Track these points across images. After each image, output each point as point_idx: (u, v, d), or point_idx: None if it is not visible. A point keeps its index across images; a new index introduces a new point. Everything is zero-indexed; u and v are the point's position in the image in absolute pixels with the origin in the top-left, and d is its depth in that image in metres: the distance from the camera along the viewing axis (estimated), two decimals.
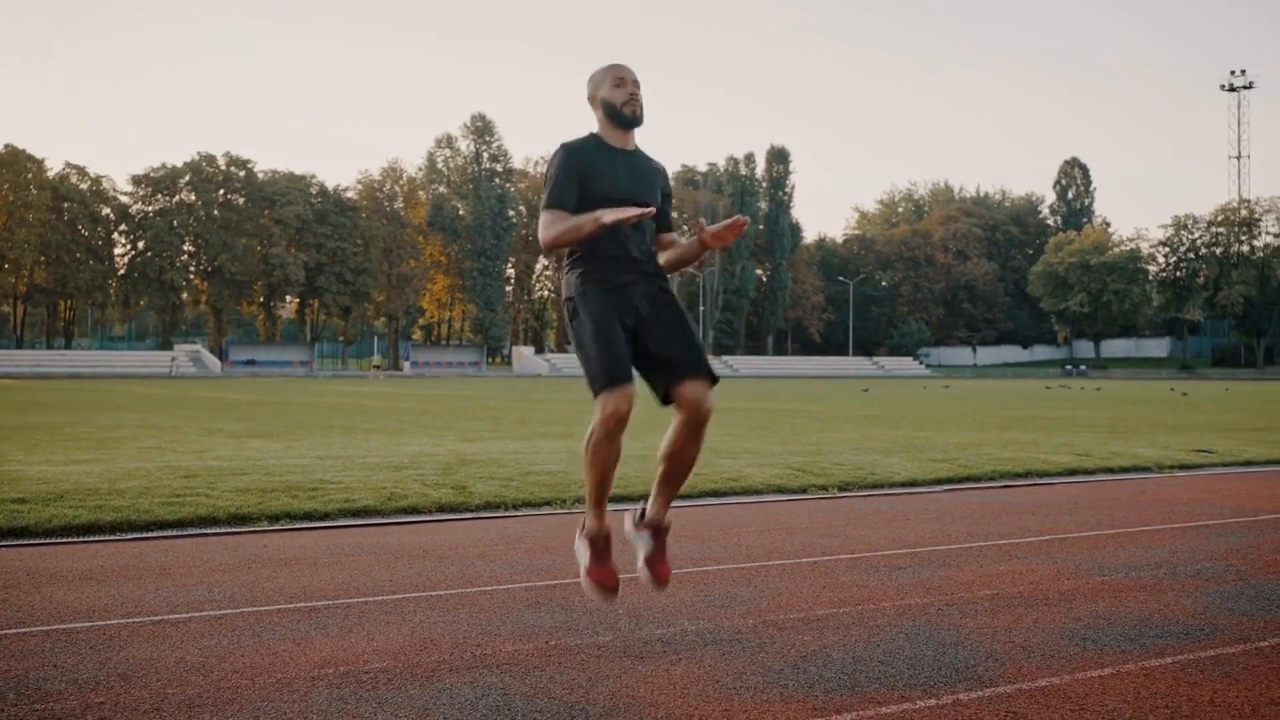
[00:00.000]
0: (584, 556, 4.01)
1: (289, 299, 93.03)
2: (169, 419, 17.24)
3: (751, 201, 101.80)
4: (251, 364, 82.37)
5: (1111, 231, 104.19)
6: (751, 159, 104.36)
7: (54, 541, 5.94)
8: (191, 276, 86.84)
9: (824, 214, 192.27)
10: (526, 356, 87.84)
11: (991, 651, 3.72)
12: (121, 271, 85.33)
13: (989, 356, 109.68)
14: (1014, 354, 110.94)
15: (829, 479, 8.89)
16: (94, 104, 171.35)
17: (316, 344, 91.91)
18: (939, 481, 9.09)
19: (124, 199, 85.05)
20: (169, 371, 69.88)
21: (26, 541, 5.92)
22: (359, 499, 7.38)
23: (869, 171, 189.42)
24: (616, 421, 3.75)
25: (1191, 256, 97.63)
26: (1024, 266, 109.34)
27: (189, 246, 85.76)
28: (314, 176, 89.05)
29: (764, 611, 4.34)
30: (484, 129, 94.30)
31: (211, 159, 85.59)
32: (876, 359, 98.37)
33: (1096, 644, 3.83)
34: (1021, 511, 7.40)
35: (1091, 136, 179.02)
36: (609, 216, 3.71)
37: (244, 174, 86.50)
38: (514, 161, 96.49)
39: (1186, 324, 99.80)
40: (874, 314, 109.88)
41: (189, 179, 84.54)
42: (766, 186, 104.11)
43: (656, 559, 4.01)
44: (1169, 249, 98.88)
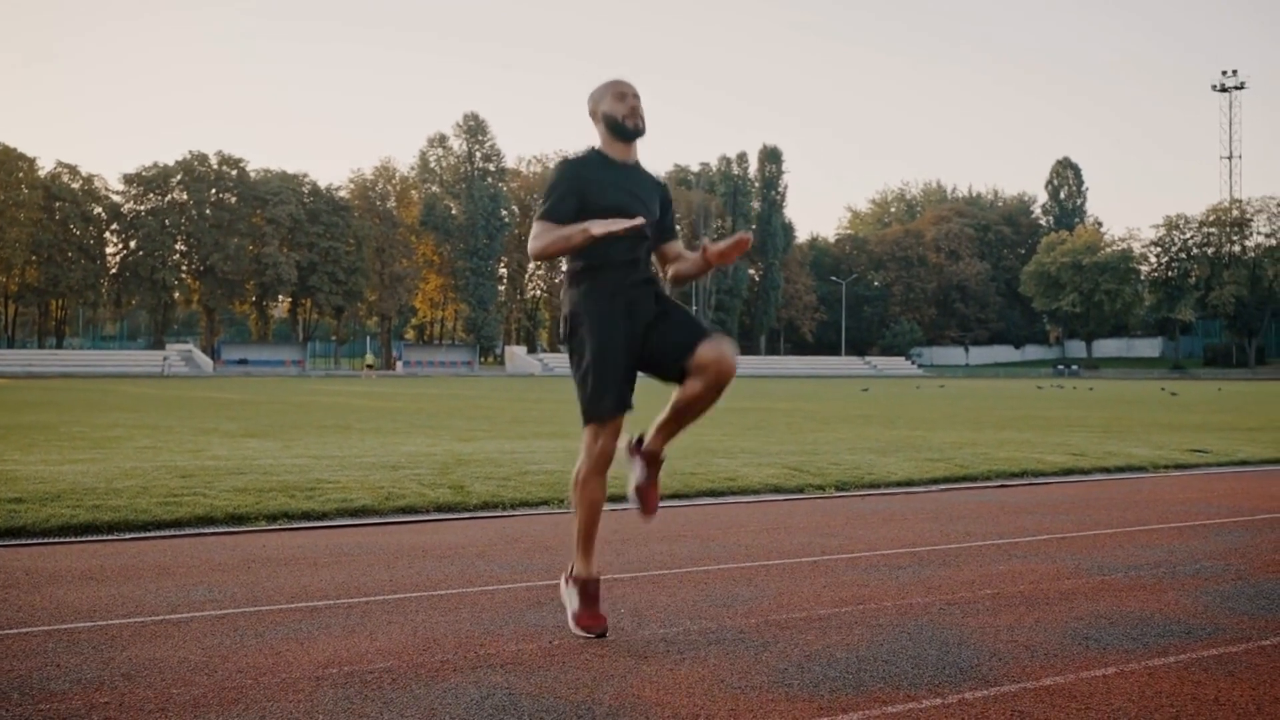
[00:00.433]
0: (572, 602, 4.01)
1: (281, 298, 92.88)
2: (163, 419, 17.20)
3: (744, 201, 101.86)
4: (244, 363, 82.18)
5: (1103, 231, 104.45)
6: (744, 158, 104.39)
7: (52, 541, 5.92)
8: (183, 276, 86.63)
9: (817, 214, 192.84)
10: (519, 356, 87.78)
11: (995, 651, 3.73)
12: (113, 271, 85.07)
13: (981, 356, 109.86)
14: (1006, 354, 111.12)
15: (826, 478, 8.90)
16: (86, 103, 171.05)
17: (309, 343, 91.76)
18: (935, 481, 9.10)
19: (116, 198, 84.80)
20: (161, 371, 69.70)
21: (24, 541, 5.91)
22: (356, 499, 7.37)
23: (861, 171, 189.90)
24: (605, 458, 3.91)
25: (1183, 256, 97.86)
26: (1016, 266, 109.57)
27: (181, 245, 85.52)
28: (306, 176, 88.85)
29: (766, 611, 4.34)
30: (477, 128, 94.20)
31: (203, 158, 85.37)
32: (869, 359, 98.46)
33: (1099, 643, 3.84)
34: (1019, 511, 7.42)
35: (1084, 136, 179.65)
36: (598, 228, 3.74)
37: (236, 173, 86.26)
38: (507, 161, 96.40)
39: (1178, 324, 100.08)
40: (866, 314, 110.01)
41: (181, 178, 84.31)
42: (759, 186, 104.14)
43: (648, 487, 4.10)
44: (1161, 249, 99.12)
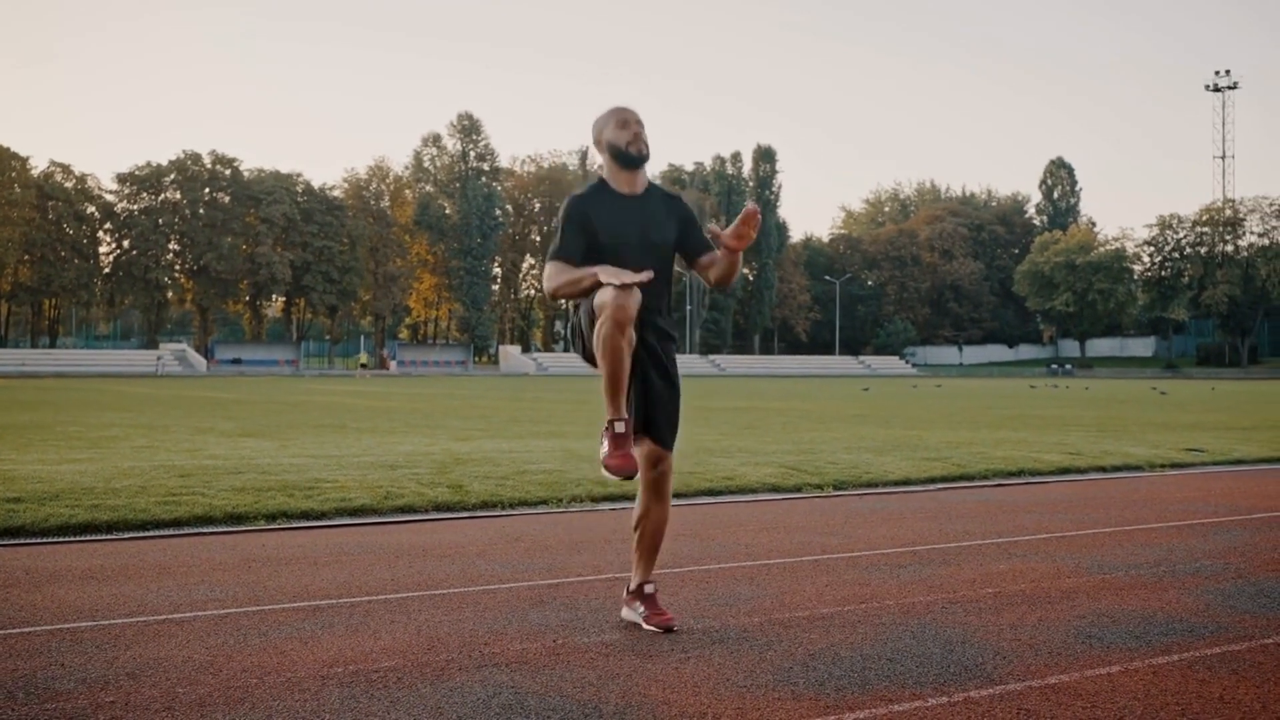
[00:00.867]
0: (603, 445, 3.95)
1: (275, 298, 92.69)
2: (159, 418, 17.17)
3: (738, 201, 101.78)
4: (238, 363, 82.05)
5: (1097, 231, 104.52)
6: (738, 158, 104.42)
7: (51, 541, 5.91)
8: (177, 275, 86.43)
9: (810, 213, 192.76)
10: (513, 355, 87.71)
11: (998, 649, 3.73)
12: (106, 270, 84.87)
13: (975, 356, 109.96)
14: (1000, 353, 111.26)
15: (824, 478, 8.91)
16: (79, 103, 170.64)
17: (303, 343, 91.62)
18: (933, 480, 9.12)
19: (109, 197, 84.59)
20: (155, 370, 69.54)
21: (23, 541, 5.90)
22: (355, 498, 7.37)
23: (855, 171, 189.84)
24: (623, 314, 3.69)
25: (1176, 256, 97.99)
26: (1010, 266, 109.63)
27: (174, 245, 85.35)
28: (300, 175, 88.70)
29: (769, 610, 4.34)
30: (471, 128, 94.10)
31: (197, 157, 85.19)
32: (863, 358, 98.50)
33: (1102, 641, 3.84)
34: (1017, 510, 7.43)
35: (1077, 136, 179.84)
36: (606, 276, 3.73)
37: (230, 172, 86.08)
38: (501, 161, 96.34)
39: (1171, 323, 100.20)
40: (860, 313, 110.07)
41: (174, 177, 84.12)
42: (753, 186, 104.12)
43: (655, 614, 4.08)
44: (1154, 248, 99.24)
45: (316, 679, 3.37)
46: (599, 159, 4.18)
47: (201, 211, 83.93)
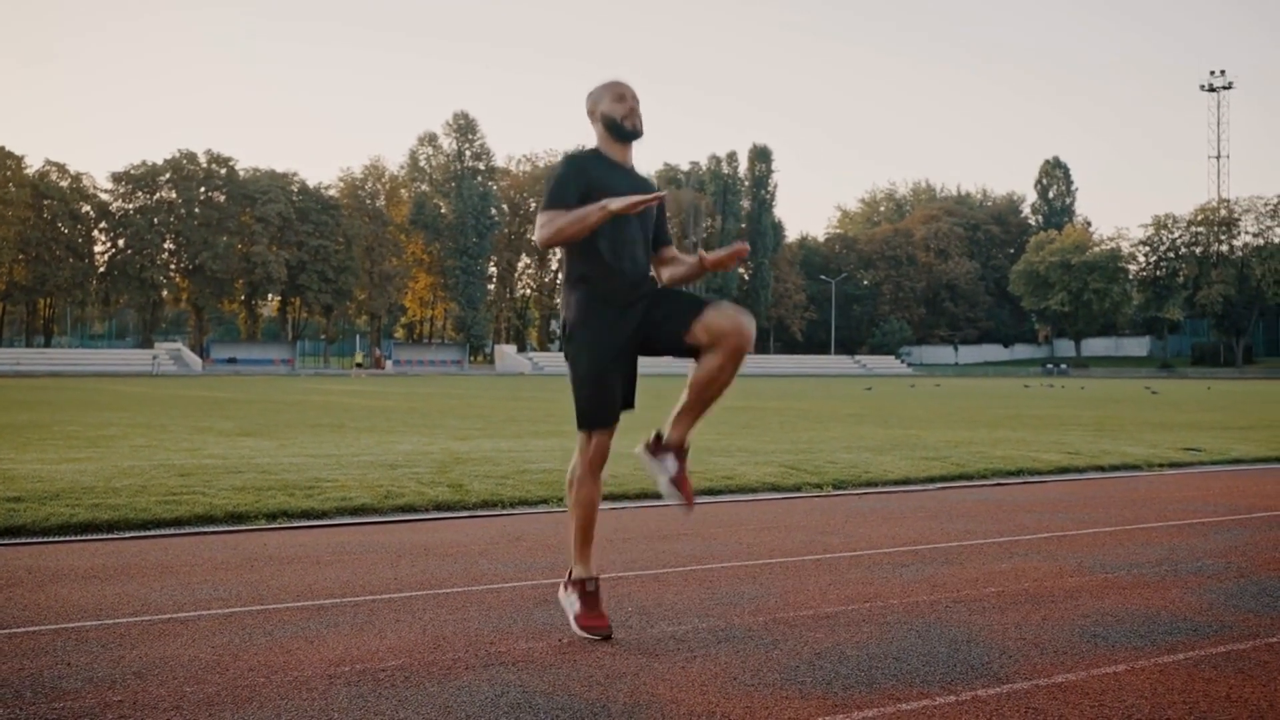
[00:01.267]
0: (573, 605, 3.98)
1: (270, 297, 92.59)
2: (157, 417, 17.15)
3: (734, 200, 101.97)
4: (233, 362, 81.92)
5: (1092, 231, 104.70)
6: (734, 158, 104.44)
7: (52, 540, 5.90)
8: (172, 274, 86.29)
9: (806, 213, 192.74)
10: (509, 355, 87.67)
11: (1004, 648, 3.74)
12: (102, 269, 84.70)
13: (970, 355, 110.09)
14: (995, 353, 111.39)
15: (823, 477, 8.91)
16: (74, 102, 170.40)
17: (298, 342, 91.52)
18: (932, 480, 9.12)
19: (104, 196, 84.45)
20: (151, 370, 69.43)
21: (24, 540, 5.89)
22: (356, 497, 7.36)
23: (851, 170, 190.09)
24: (600, 458, 3.97)
25: (1171, 256, 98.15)
26: (1005, 266, 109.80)
27: (170, 244, 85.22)
28: (295, 174, 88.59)
29: (773, 609, 4.34)
30: (466, 127, 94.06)
31: (192, 156, 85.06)
32: (858, 358, 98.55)
33: (1108, 640, 3.85)
34: (1017, 509, 7.44)
35: (1073, 136, 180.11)
36: (616, 204, 3.75)
37: (225, 172, 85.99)
38: (496, 160, 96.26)
39: (1166, 323, 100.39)
40: (856, 313, 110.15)
41: (169, 176, 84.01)
42: (749, 185, 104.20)
43: (682, 478, 4.03)
44: (1149, 248, 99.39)
45: (324, 678, 3.37)
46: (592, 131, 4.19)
47: (197, 210, 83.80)
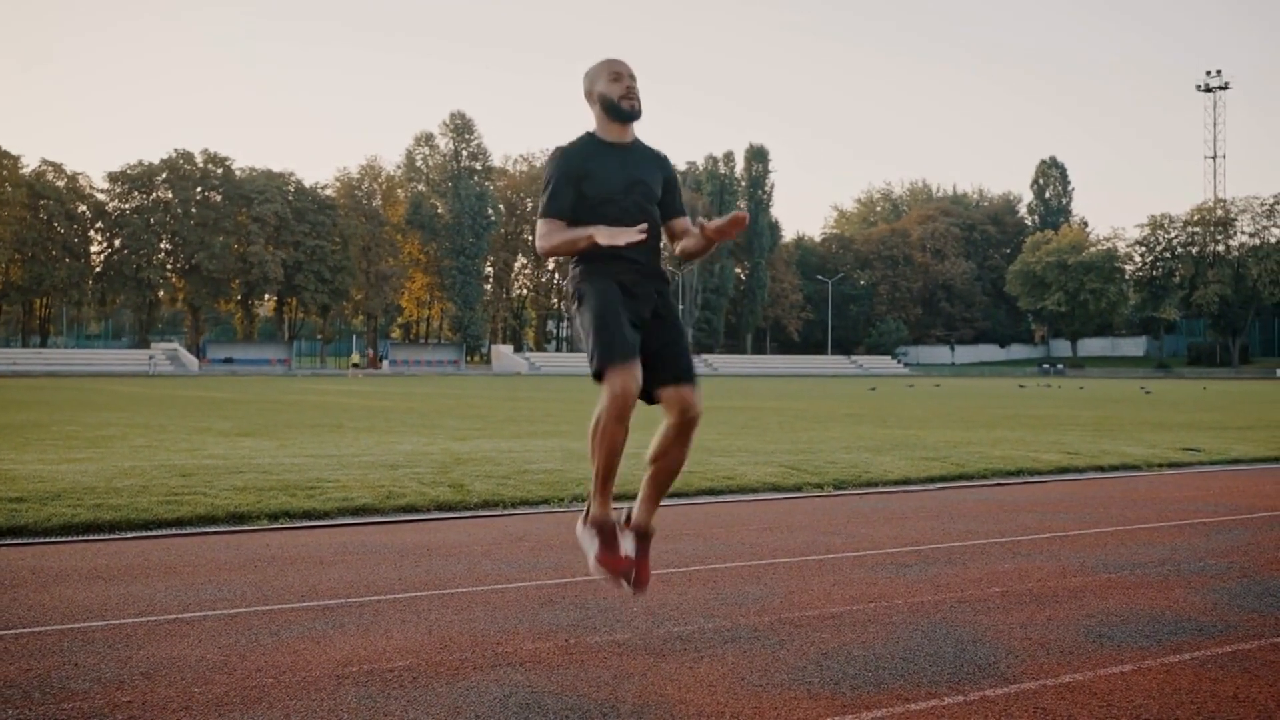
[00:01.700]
0: (591, 543, 4.00)
1: (267, 297, 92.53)
2: (156, 417, 17.13)
3: (730, 200, 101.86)
4: (229, 362, 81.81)
5: (1088, 231, 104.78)
6: (731, 158, 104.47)
7: (55, 540, 5.90)
8: (168, 274, 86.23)
9: (802, 213, 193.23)
10: (506, 355, 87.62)
11: (1010, 648, 3.74)
12: (98, 269, 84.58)
13: (967, 355, 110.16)
14: (991, 353, 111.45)
15: (823, 477, 8.92)
16: (71, 102, 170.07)
17: (294, 342, 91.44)
18: (933, 480, 9.13)
19: (100, 196, 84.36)
20: (148, 370, 69.36)
21: (27, 540, 5.88)
22: (357, 497, 7.36)
23: (847, 170, 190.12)
24: (625, 400, 3.73)
25: (1168, 256, 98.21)
26: (1001, 266, 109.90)
27: (166, 244, 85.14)
28: (292, 174, 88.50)
29: (778, 609, 4.35)
30: (463, 127, 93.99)
31: (189, 156, 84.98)
32: (855, 358, 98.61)
33: (1114, 640, 3.86)
34: (1017, 509, 7.45)
35: (1069, 136, 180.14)
36: (603, 238, 3.76)
37: (221, 172, 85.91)
38: (493, 160, 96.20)
39: (1163, 323, 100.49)
40: (852, 313, 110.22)
41: (166, 176, 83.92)
42: (745, 185, 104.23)
43: (640, 561, 4.05)
44: (1145, 248, 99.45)
45: (331, 678, 3.37)
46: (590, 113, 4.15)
47: (193, 210, 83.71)
